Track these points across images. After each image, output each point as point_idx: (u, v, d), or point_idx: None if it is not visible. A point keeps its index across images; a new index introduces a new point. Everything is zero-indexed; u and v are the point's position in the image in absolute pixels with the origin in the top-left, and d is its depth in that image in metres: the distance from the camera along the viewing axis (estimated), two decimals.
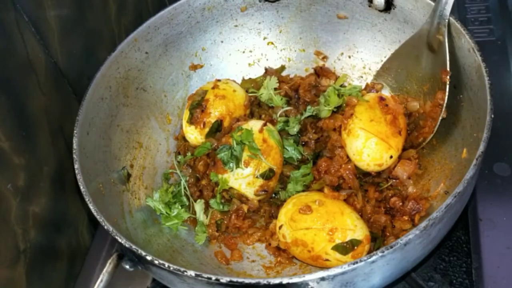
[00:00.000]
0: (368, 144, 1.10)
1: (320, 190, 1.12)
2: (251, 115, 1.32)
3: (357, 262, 0.80)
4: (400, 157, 1.15)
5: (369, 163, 1.12)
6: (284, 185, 1.19)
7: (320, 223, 1.01)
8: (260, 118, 1.28)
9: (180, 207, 1.19)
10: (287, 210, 1.07)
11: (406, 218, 1.07)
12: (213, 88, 1.28)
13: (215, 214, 1.18)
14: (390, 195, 1.12)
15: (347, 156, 1.15)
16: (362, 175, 1.16)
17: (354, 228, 1.01)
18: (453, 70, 1.11)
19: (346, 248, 0.99)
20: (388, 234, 1.07)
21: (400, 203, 1.09)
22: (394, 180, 1.14)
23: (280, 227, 1.07)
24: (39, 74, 1.14)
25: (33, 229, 1.12)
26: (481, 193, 1.17)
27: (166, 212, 1.17)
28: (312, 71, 1.41)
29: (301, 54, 1.45)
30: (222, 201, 1.18)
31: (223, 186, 1.15)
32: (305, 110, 1.25)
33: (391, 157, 1.12)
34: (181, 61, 1.40)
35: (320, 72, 1.36)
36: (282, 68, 1.45)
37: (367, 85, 1.30)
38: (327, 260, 1.01)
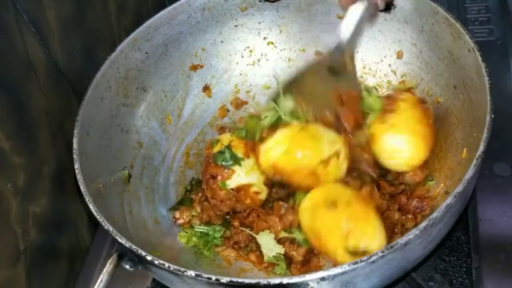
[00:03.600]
0: (408, 145, 1.08)
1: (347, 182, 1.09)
2: None
3: (357, 262, 0.80)
4: None
5: (401, 164, 1.10)
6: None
7: (341, 223, 0.98)
8: None
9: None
10: (314, 196, 1.05)
11: (410, 216, 1.07)
12: None
13: None
14: (399, 191, 1.11)
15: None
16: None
17: (373, 238, 0.97)
18: (453, 70, 1.11)
19: (357, 254, 0.96)
20: (397, 231, 1.06)
21: (405, 200, 1.08)
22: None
23: (300, 205, 1.05)
24: (39, 74, 1.14)
25: (33, 229, 1.11)
26: (481, 193, 1.17)
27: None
28: None
29: (301, 54, 1.44)
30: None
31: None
32: None
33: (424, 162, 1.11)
34: (181, 61, 1.40)
35: None
36: None
37: None
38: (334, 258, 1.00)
